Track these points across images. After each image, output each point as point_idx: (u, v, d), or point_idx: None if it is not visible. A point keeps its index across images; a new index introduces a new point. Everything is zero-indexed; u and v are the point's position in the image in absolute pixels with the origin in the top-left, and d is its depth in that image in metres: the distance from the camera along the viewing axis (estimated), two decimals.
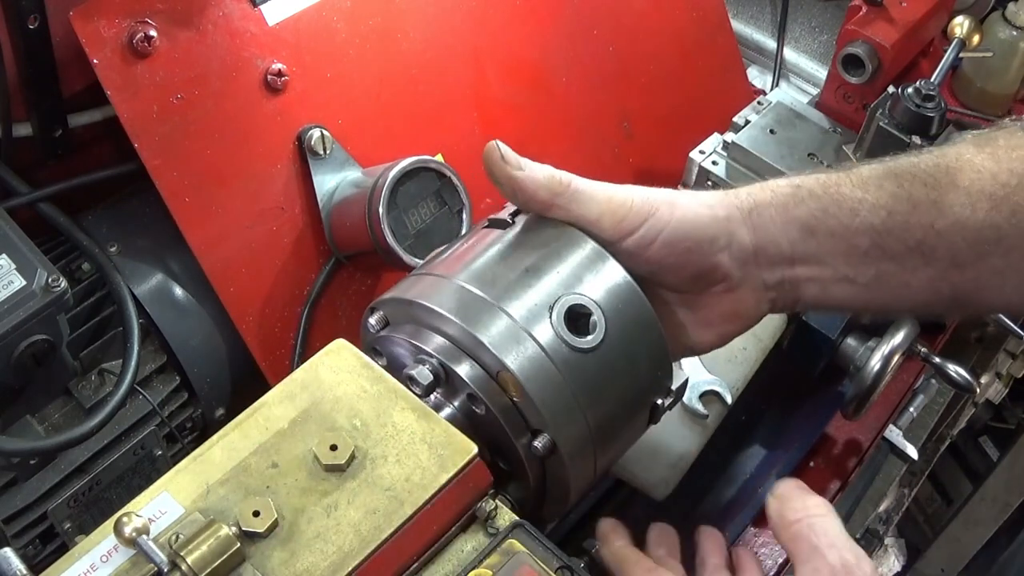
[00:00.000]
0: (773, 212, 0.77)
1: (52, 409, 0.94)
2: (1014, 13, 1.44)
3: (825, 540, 0.68)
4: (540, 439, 0.70)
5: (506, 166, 0.75)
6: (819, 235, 0.77)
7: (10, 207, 0.96)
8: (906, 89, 1.15)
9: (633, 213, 0.75)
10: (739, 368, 1.05)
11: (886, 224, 0.75)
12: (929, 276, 0.76)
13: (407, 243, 0.99)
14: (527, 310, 0.71)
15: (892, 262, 0.76)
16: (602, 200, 0.76)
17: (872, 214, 0.75)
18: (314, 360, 0.73)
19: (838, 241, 0.76)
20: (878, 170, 0.77)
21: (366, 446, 0.67)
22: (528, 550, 0.65)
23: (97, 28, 0.92)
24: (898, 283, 0.77)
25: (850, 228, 0.76)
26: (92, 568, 0.61)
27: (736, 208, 0.77)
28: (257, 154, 1.03)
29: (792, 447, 1.21)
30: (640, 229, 0.75)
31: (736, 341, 1.02)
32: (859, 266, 0.77)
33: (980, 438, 2.38)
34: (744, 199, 0.78)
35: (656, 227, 0.75)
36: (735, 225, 0.77)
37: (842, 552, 0.67)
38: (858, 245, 0.76)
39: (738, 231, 0.77)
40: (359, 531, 0.63)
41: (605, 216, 0.76)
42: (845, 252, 0.77)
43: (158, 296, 1.00)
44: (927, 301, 0.78)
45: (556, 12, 1.29)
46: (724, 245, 0.77)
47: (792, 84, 1.69)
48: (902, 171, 0.76)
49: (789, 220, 0.77)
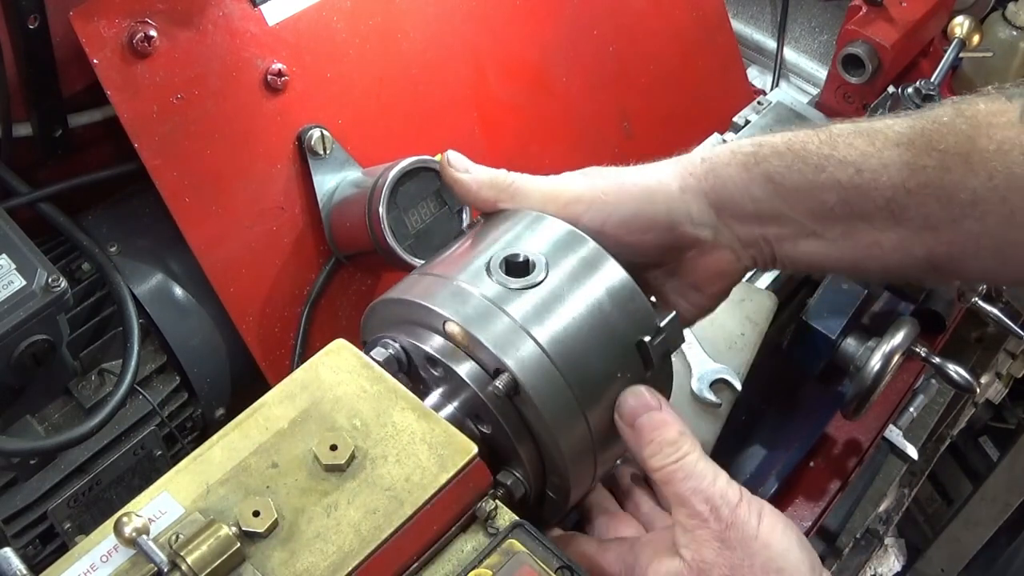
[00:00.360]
0: (732, 171, 0.78)
1: (52, 409, 0.94)
2: (1014, 13, 1.44)
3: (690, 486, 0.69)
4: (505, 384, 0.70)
5: (453, 170, 0.82)
6: (783, 191, 0.77)
7: (10, 207, 0.96)
8: (906, 89, 1.15)
9: (575, 199, 0.78)
10: (740, 354, 1.06)
11: (853, 181, 0.74)
12: (900, 236, 0.75)
13: (407, 243, 0.99)
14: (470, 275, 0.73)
15: (861, 220, 0.76)
16: (544, 190, 0.80)
17: (839, 170, 0.75)
18: (314, 360, 0.73)
19: (803, 196, 0.76)
20: (849, 128, 0.77)
21: (366, 446, 0.67)
22: (528, 550, 0.65)
23: (97, 28, 0.92)
24: (869, 241, 0.76)
25: (815, 183, 0.75)
26: (92, 568, 0.61)
27: (690, 175, 0.79)
28: (257, 154, 1.03)
29: (792, 447, 1.21)
30: (588, 213, 0.78)
31: (734, 328, 1.05)
32: (826, 222, 0.77)
33: (980, 438, 2.38)
34: (699, 164, 0.79)
35: (604, 210, 0.78)
36: (690, 195, 0.78)
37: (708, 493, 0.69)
38: (824, 201, 0.76)
39: (693, 199, 0.78)
40: (359, 531, 0.63)
41: (548, 204, 0.79)
42: (812, 208, 0.76)
43: (158, 296, 1.00)
44: (900, 262, 0.77)
45: (556, 12, 1.29)
46: (683, 215, 0.79)
47: (792, 84, 1.69)
48: (875, 131, 0.75)
49: (751, 179, 0.77)
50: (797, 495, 1.21)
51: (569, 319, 0.72)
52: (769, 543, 0.67)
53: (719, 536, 0.67)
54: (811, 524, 1.19)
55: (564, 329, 0.71)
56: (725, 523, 0.67)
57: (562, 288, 0.73)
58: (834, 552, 1.38)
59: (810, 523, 1.19)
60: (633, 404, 0.72)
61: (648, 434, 0.72)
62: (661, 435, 0.71)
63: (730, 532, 0.67)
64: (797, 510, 1.20)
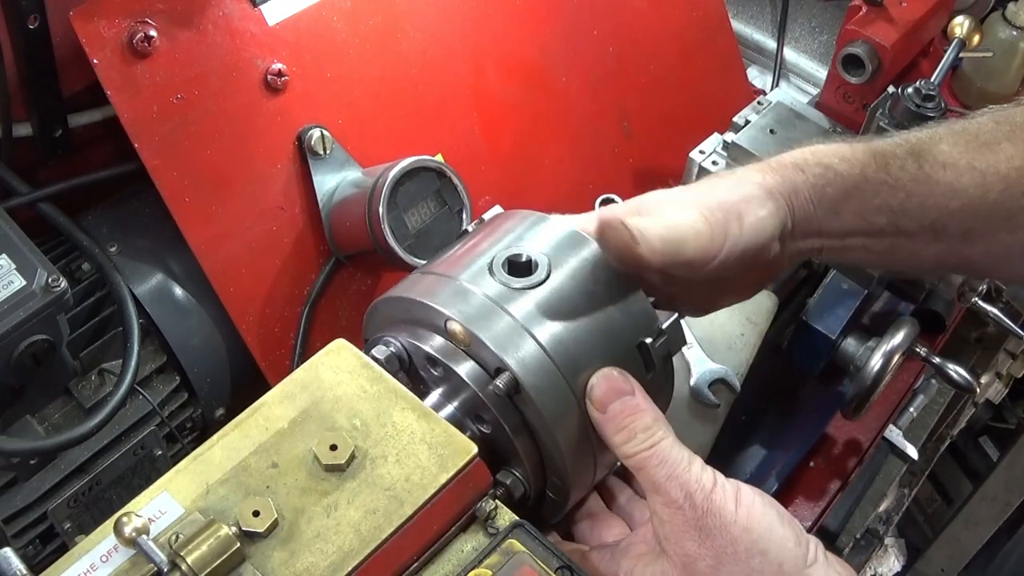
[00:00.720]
0: (807, 194, 0.79)
1: (52, 409, 0.94)
2: (1014, 13, 1.44)
3: (664, 473, 0.69)
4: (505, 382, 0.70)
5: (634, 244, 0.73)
6: (843, 214, 0.79)
7: (10, 207, 0.96)
8: (906, 89, 1.15)
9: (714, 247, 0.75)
10: (739, 354, 1.06)
11: (903, 205, 0.78)
12: (939, 250, 0.80)
13: (407, 243, 0.99)
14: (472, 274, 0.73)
15: (905, 237, 0.79)
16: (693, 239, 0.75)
17: (891, 195, 0.78)
18: (314, 360, 0.73)
19: (857, 219, 0.79)
20: (901, 147, 0.79)
21: (366, 446, 0.67)
22: (528, 550, 0.65)
23: (97, 28, 0.92)
24: (909, 254, 0.81)
25: (869, 208, 0.78)
26: (92, 568, 0.61)
27: (781, 196, 0.79)
28: (257, 154, 1.03)
29: (792, 447, 1.21)
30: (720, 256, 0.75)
31: (733, 328, 1.06)
32: (875, 239, 0.80)
33: (980, 438, 2.38)
34: (784, 185, 0.79)
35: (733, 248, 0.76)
36: (783, 213, 0.79)
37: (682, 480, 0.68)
38: (875, 223, 0.79)
39: (785, 220, 0.79)
40: (359, 531, 0.63)
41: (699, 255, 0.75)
42: (864, 228, 0.79)
43: (158, 296, 1.00)
44: (934, 268, 0.86)
45: (556, 12, 1.29)
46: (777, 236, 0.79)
47: (792, 84, 1.69)
48: (923, 151, 0.79)
49: (819, 200, 0.79)
50: (797, 495, 1.21)
51: (571, 319, 0.72)
52: (749, 526, 0.66)
53: (696, 524, 0.67)
54: (811, 524, 1.19)
55: (565, 329, 0.71)
56: (701, 510, 0.67)
57: (564, 288, 0.73)
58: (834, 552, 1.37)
59: (810, 523, 1.19)
60: (605, 389, 0.71)
61: (621, 420, 0.70)
62: (634, 421, 0.70)
63: (707, 519, 0.67)
64: (797, 510, 1.20)
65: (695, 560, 0.66)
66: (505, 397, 0.70)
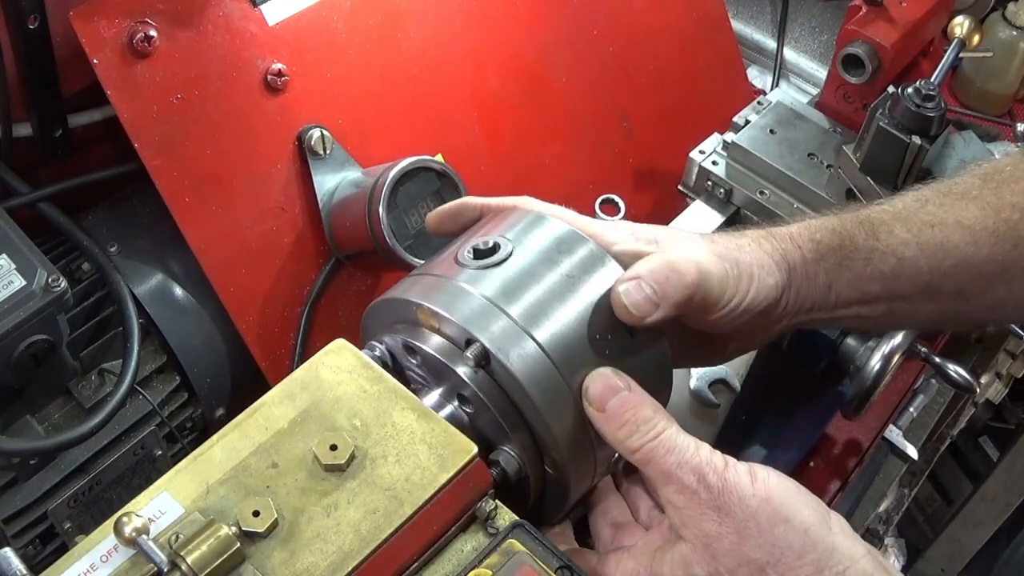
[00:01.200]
0: (801, 271, 0.80)
1: (52, 409, 0.94)
2: (1014, 13, 1.44)
3: (673, 460, 0.68)
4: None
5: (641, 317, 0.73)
6: (836, 288, 0.81)
7: (10, 207, 0.96)
8: (906, 89, 1.15)
9: (728, 292, 0.76)
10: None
11: (895, 270, 0.79)
12: (935, 308, 0.81)
13: (407, 243, 0.99)
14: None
15: (901, 301, 0.81)
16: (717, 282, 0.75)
17: (882, 262, 0.79)
18: (314, 360, 0.73)
19: (852, 290, 0.81)
20: (888, 214, 0.81)
21: (366, 446, 0.67)
22: (528, 550, 0.65)
23: (97, 28, 0.92)
24: (905, 315, 0.82)
25: (862, 276, 0.80)
26: (92, 568, 0.61)
27: (785, 271, 0.80)
28: (257, 154, 1.03)
29: (792, 447, 1.21)
30: (729, 305, 0.76)
31: None
32: (871, 306, 0.81)
33: (980, 438, 2.38)
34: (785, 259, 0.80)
35: (740, 302, 0.77)
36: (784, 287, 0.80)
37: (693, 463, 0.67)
38: (869, 291, 0.80)
39: (785, 292, 0.80)
40: (359, 531, 0.63)
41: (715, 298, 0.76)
42: (858, 298, 0.81)
43: (158, 296, 1.00)
44: (934, 325, 0.88)
45: (556, 12, 1.29)
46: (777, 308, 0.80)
47: (792, 84, 1.69)
48: (910, 215, 0.80)
49: (812, 277, 0.81)
50: None
51: (534, 286, 0.73)
52: (768, 496, 0.65)
53: (714, 504, 0.66)
54: None
55: (531, 295, 0.72)
56: (716, 490, 0.66)
57: (527, 261, 0.74)
58: None
59: None
60: (601, 388, 0.70)
61: (621, 415, 0.69)
62: (635, 414, 0.69)
63: (724, 497, 0.66)
64: None
65: (717, 539, 0.65)
66: (476, 367, 0.70)
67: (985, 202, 0.79)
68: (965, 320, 0.84)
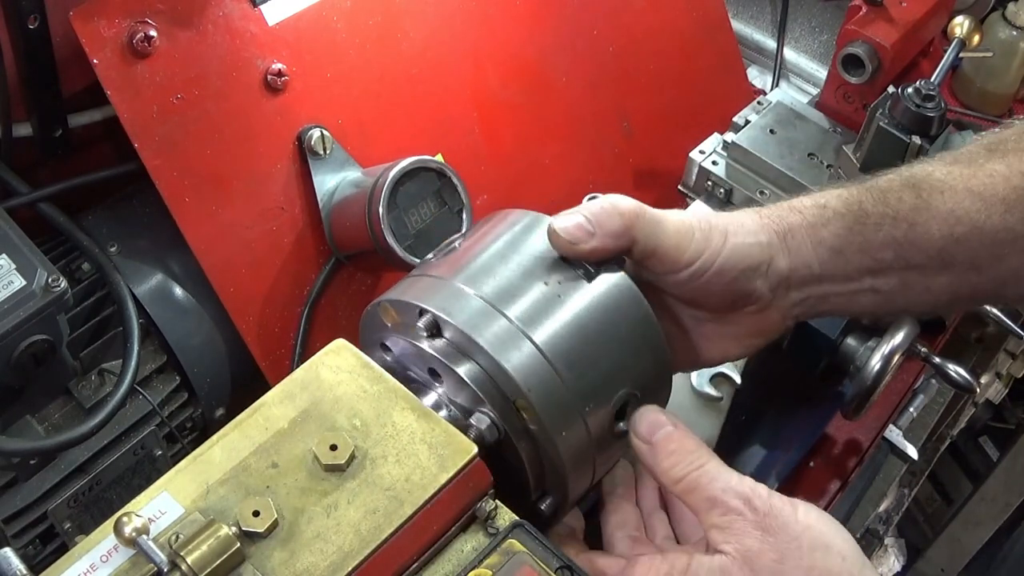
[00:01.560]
0: (803, 234, 0.79)
1: (52, 409, 0.94)
2: (1014, 13, 1.44)
3: (719, 486, 0.70)
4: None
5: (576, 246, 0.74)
6: (846, 253, 0.79)
7: (10, 207, 0.96)
8: (906, 89, 1.15)
9: (694, 246, 0.76)
10: None
11: (908, 236, 0.77)
12: (949, 280, 0.79)
13: (407, 243, 0.99)
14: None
15: (914, 271, 0.79)
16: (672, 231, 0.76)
17: (894, 227, 0.78)
18: (314, 360, 0.73)
19: (863, 256, 0.79)
20: (896, 181, 0.79)
21: (366, 446, 0.67)
22: (528, 550, 0.65)
23: (97, 28, 0.92)
24: (920, 289, 0.80)
25: (874, 243, 0.78)
26: (92, 568, 0.61)
27: (775, 233, 0.79)
28: (257, 154, 1.03)
29: (792, 447, 1.21)
30: (698, 261, 0.76)
31: None
32: (883, 276, 0.80)
33: (980, 438, 2.38)
34: (778, 223, 0.80)
35: (711, 258, 0.77)
36: (774, 251, 0.79)
37: (739, 490, 0.70)
38: (882, 259, 0.79)
39: (777, 257, 0.79)
40: (359, 531, 0.63)
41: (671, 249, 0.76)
42: (870, 266, 0.79)
43: (158, 296, 1.00)
44: (948, 301, 0.82)
45: (556, 12, 1.29)
46: (764, 272, 0.79)
47: (792, 84, 1.69)
48: (919, 181, 0.79)
49: (818, 241, 0.79)
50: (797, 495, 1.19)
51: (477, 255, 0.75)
52: (810, 524, 0.68)
53: (759, 525, 0.68)
54: None
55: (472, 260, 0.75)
56: (762, 512, 0.68)
57: (480, 241, 0.77)
58: None
59: None
60: (651, 421, 0.73)
61: (667, 446, 0.72)
62: (681, 446, 0.72)
63: (769, 520, 0.68)
64: None
65: (758, 555, 0.67)
66: (431, 337, 0.72)
67: (993, 170, 0.77)
68: (979, 295, 0.81)
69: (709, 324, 0.83)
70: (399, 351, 0.77)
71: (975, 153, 0.80)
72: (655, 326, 0.76)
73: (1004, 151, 0.78)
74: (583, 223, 0.73)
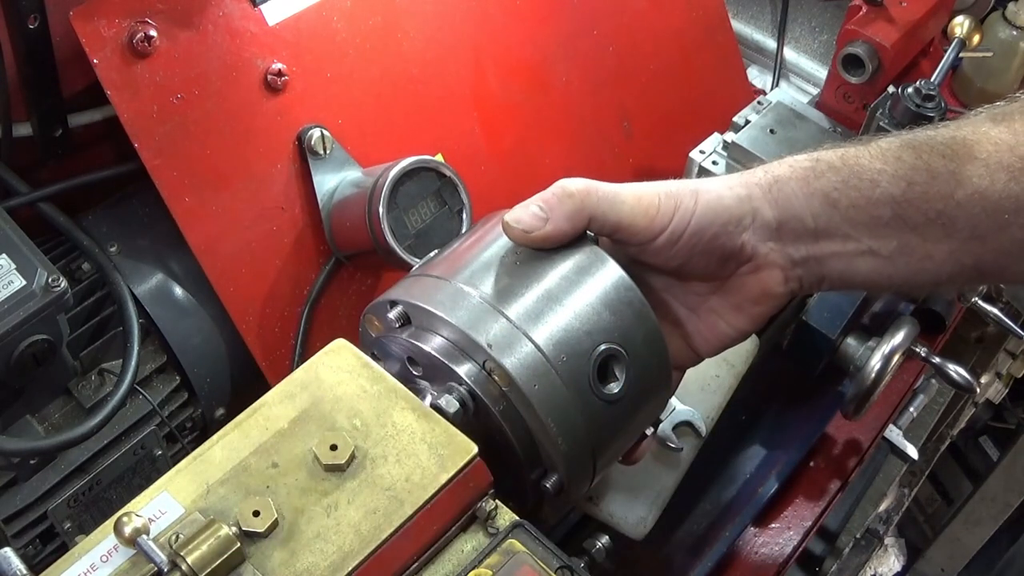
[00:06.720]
0: (794, 185, 0.77)
1: (52, 409, 0.94)
2: (1014, 13, 1.44)
3: None
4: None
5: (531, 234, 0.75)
6: (841, 207, 0.77)
7: (10, 207, 0.96)
8: (906, 89, 1.15)
9: (662, 210, 0.76)
10: (713, 397, 1.02)
11: (906, 195, 0.75)
12: (951, 248, 0.77)
13: (407, 243, 0.99)
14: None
15: (914, 233, 0.77)
16: (632, 201, 0.76)
17: (892, 185, 0.76)
18: (314, 360, 0.73)
19: (860, 212, 0.77)
20: (895, 142, 0.78)
21: (366, 446, 0.67)
22: (528, 550, 0.65)
23: (97, 28, 0.92)
24: (922, 255, 0.77)
25: (871, 199, 0.76)
26: (92, 568, 0.61)
27: (756, 185, 0.78)
28: (257, 154, 1.03)
29: (792, 447, 1.21)
30: (670, 224, 0.76)
31: (709, 369, 1.01)
32: (882, 237, 0.77)
33: (980, 438, 2.38)
34: (762, 176, 0.79)
35: (684, 219, 0.76)
36: (757, 202, 0.77)
37: None
38: (880, 216, 0.76)
39: (761, 208, 0.77)
40: (359, 531, 0.63)
41: (638, 217, 0.76)
42: (867, 223, 0.77)
43: (158, 296, 1.00)
44: (951, 273, 0.79)
45: (556, 12, 1.29)
46: (748, 224, 0.77)
47: (792, 84, 1.69)
48: (919, 143, 0.77)
49: (811, 193, 0.77)
50: (797, 495, 1.21)
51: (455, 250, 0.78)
52: None
53: None
54: (811, 524, 1.19)
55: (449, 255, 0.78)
56: None
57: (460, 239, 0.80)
58: (834, 552, 1.38)
59: (810, 523, 1.19)
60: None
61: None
62: None
63: None
64: (797, 510, 1.20)
65: None
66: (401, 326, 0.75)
67: (999, 139, 0.75)
68: (983, 268, 0.78)
69: (712, 298, 0.82)
70: (384, 353, 0.78)
71: (979, 122, 0.78)
72: (629, 284, 0.75)
73: (1008, 122, 0.76)
74: (535, 211, 0.74)
